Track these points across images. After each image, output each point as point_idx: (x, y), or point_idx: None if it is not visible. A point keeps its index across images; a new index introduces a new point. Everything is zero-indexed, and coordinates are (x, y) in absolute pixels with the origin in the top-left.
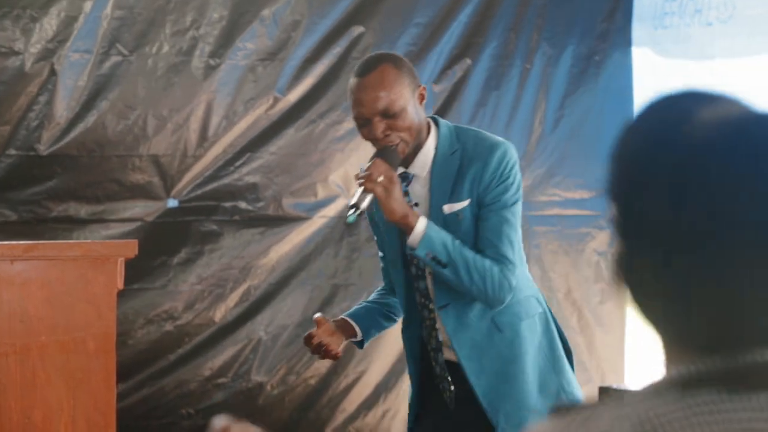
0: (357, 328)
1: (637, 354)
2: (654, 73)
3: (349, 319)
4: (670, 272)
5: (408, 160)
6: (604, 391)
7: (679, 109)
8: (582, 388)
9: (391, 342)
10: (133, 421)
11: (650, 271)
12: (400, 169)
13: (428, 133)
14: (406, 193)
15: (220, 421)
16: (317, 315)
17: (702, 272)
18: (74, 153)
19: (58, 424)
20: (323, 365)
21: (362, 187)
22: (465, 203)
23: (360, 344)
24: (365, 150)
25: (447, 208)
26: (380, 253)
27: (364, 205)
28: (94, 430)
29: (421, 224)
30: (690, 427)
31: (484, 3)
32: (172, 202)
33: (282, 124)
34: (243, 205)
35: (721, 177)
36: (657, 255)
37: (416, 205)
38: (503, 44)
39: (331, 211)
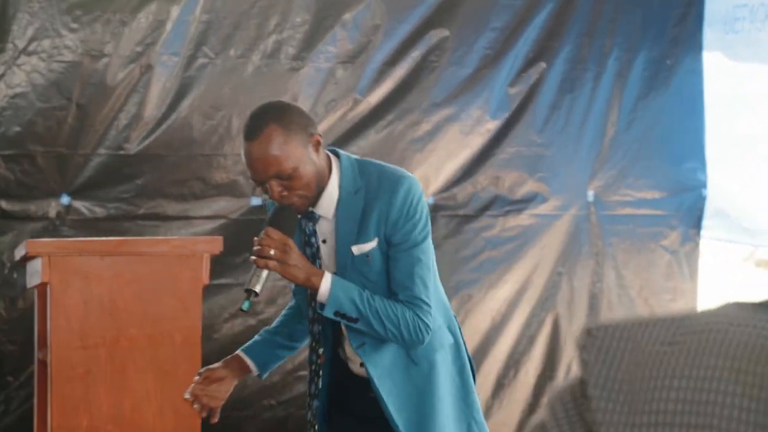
0: (251, 365)
1: None
2: (725, 76)
3: (243, 355)
4: None
5: (314, 200)
6: None
7: None
8: None
9: None
10: (221, 412)
11: None
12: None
13: (330, 172)
14: (313, 233)
15: None
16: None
17: None
18: (161, 152)
19: (146, 413)
20: None
21: (255, 266)
22: (373, 244)
23: (259, 376)
24: (444, 150)
25: (355, 250)
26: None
27: (259, 287)
28: (181, 420)
29: (326, 284)
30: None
31: (558, 8)
32: (256, 200)
33: (362, 126)
34: None
35: None
36: None
37: (324, 242)
38: (577, 48)
39: None
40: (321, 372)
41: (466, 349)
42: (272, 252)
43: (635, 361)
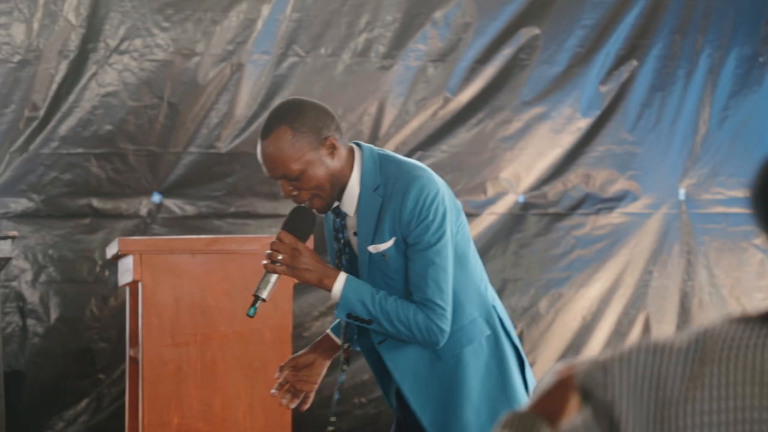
0: (337, 340)
1: None
2: None
3: (330, 334)
4: None
5: (335, 197)
6: None
7: None
8: None
9: None
10: (308, 410)
11: None
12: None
13: (352, 168)
14: (341, 228)
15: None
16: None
17: None
18: (252, 151)
19: (237, 411)
20: None
21: (265, 271)
22: (389, 244)
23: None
24: (535, 148)
25: (372, 249)
26: None
27: (265, 293)
28: (271, 418)
29: (338, 285)
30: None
31: (650, 5)
32: None
33: (453, 124)
34: None
35: None
36: None
37: (355, 234)
38: (669, 46)
39: (501, 207)
40: (344, 366)
41: (511, 338)
42: (281, 257)
43: (662, 399)
